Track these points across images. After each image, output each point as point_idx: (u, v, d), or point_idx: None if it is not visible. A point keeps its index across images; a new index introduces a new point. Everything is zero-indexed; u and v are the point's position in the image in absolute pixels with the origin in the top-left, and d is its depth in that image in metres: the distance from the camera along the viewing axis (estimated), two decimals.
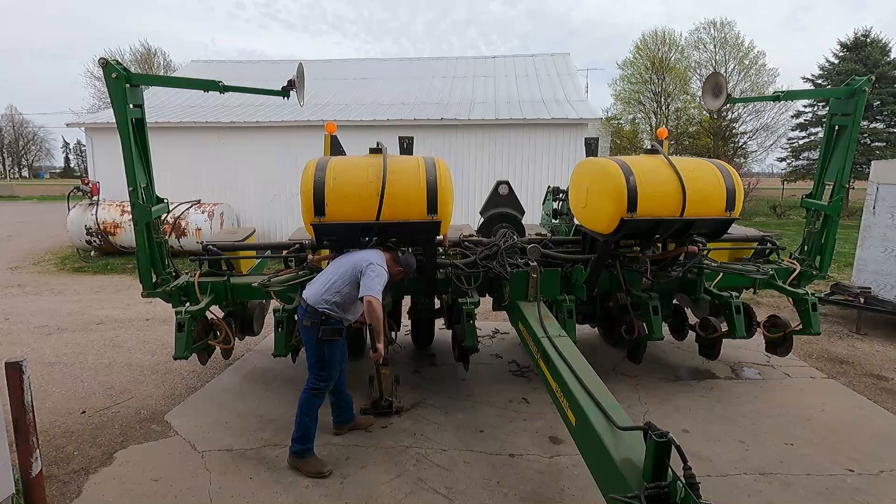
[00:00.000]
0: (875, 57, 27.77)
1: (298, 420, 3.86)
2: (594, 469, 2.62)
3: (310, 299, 3.84)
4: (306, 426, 3.85)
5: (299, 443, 3.85)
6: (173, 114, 15.46)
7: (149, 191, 4.56)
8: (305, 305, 3.86)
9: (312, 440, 3.88)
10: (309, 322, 3.81)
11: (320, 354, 3.84)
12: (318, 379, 3.88)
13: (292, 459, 3.85)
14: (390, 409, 4.63)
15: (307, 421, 3.85)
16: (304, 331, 3.87)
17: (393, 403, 4.65)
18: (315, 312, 3.79)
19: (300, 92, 4.52)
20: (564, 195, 6.59)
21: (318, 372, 3.87)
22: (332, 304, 3.80)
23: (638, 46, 35.75)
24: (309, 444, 3.86)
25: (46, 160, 76.31)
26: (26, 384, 3.16)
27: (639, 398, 5.04)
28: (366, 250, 4.05)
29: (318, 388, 3.88)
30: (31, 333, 7.05)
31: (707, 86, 5.46)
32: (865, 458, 4.01)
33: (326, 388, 3.96)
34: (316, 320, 3.79)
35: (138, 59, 42.87)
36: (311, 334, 3.82)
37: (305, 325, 3.85)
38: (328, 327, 3.79)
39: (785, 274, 5.46)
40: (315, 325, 3.79)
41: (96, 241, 12.57)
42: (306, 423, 3.85)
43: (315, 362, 3.87)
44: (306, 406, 3.86)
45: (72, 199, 13.08)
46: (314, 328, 3.79)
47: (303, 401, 3.87)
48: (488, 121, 14.12)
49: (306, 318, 3.84)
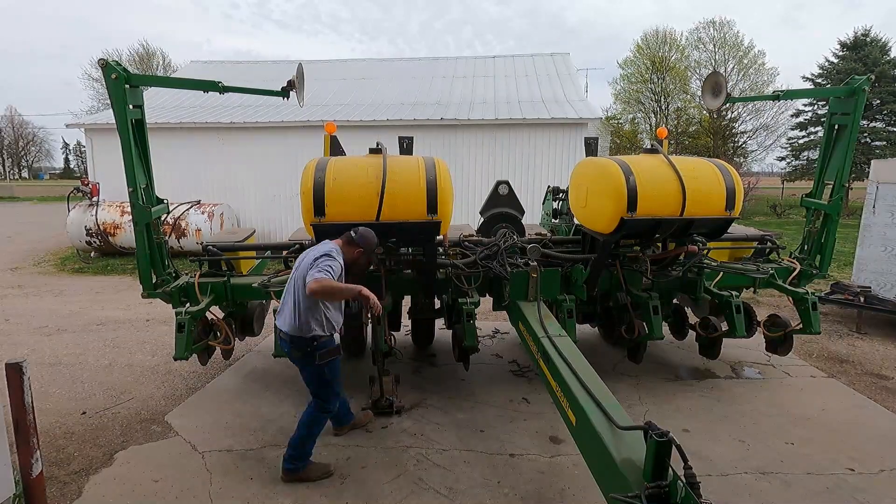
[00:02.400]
0: (875, 56, 27.77)
1: (299, 438, 3.65)
2: (594, 469, 2.62)
3: (289, 329, 3.53)
4: (307, 447, 3.69)
5: (298, 460, 3.66)
6: (173, 114, 15.45)
7: (149, 191, 4.56)
8: (287, 337, 3.55)
9: (309, 456, 3.72)
10: (300, 353, 3.56)
11: (322, 378, 3.65)
12: (326, 400, 3.71)
13: (291, 476, 3.64)
14: (391, 409, 4.63)
15: (308, 441, 3.68)
16: (298, 362, 3.64)
17: (394, 403, 4.65)
18: (302, 340, 3.52)
19: (300, 92, 4.52)
20: (564, 195, 6.60)
21: (323, 394, 3.69)
22: (315, 325, 3.51)
23: (638, 46, 35.79)
24: (306, 461, 3.71)
25: (46, 161, 76.41)
26: (26, 385, 3.15)
27: (639, 398, 5.04)
28: (312, 249, 3.66)
29: (326, 409, 3.73)
30: (31, 334, 7.05)
31: (707, 85, 5.47)
32: (866, 458, 4.01)
33: (335, 406, 3.81)
34: (307, 348, 3.53)
35: (137, 60, 42.87)
36: (307, 363, 3.59)
37: (297, 356, 3.59)
38: (323, 350, 3.55)
39: (785, 273, 5.46)
40: (308, 353, 3.54)
41: (96, 242, 12.57)
42: (307, 443, 3.67)
43: (319, 387, 3.68)
44: (312, 425, 3.67)
45: (72, 200, 13.08)
46: (309, 356, 3.55)
47: (309, 419, 3.68)
48: (488, 121, 14.12)
49: (295, 350, 3.56)
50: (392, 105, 16.34)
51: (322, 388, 3.69)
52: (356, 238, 3.71)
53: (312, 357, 3.54)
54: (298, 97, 4.55)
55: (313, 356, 3.54)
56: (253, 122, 14.50)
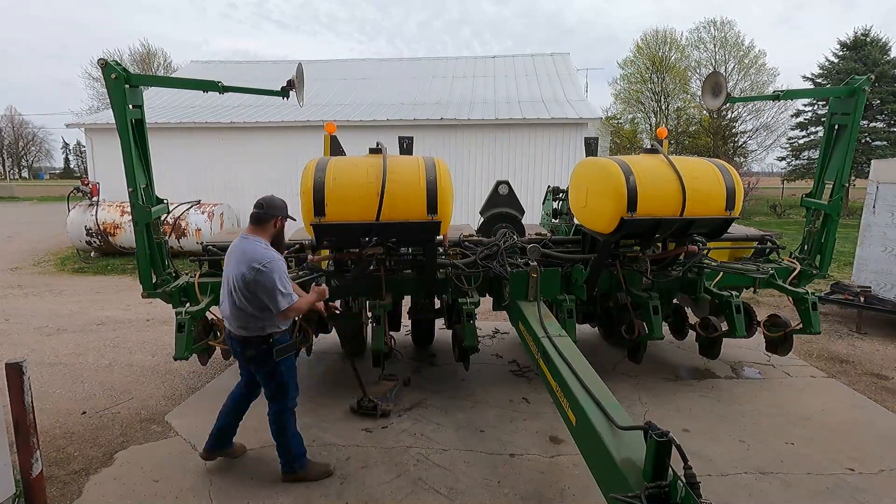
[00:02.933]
0: (875, 56, 27.78)
1: (281, 447, 3.60)
2: (595, 469, 2.62)
3: (236, 329, 3.41)
4: (293, 447, 3.61)
5: (293, 463, 3.61)
6: (173, 114, 15.46)
7: (149, 191, 4.56)
8: (239, 338, 3.41)
9: (304, 454, 3.68)
10: (253, 351, 3.41)
11: (279, 378, 3.49)
12: (286, 398, 3.56)
13: (290, 476, 3.62)
14: (374, 411, 4.56)
15: (290, 443, 3.59)
16: (252, 361, 3.48)
17: (378, 406, 4.57)
18: (257, 339, 3.38)
19: (300, 92, 4.52)
20: (564, 195, 6.59)
21: (282, 395, 3.54)
22: (269, 321, 3.37)
23: (638, 46, 35.80)
24: (302, 459, 3.65)
25: (46, 161, 76.48)
26: (26, 385, 3.16)
27: (639, 398, 5.04)
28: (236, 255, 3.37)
29: (286, 408, 3.58)
30: (31, 334, 7.05)
31: (707, 85, 5.47)
32: (866, 458, 4.01)
33: (295, 405, 3.64)
34: (261, 346, 3.39)
35: (138, 60, 42.89)
36: (262, 363, 3.44)
37: (250, 355, 3.43)
38: (279, 347, 3.43)
39: (785, 273, 5.46)
40: (263, 351, 3.40)
41: (96, 242, 12.57)
42: (290, 445, 3.59)
43: (276, 388, 3.52)
44: (283, 430, 3.57)
45: (72, 200, 13.08)
46: (263, 355, 3.41)
47: (277, 427, 3.57)
48: (488, 121, 14.13)
49: (248, 349, 3.41)
50: (392, 105, 16.34)
51: (279, 387, 3.52)
52: (266, 211, 3.44)
53: (269, 354, 3.40)
54: (298, 97, 4.55)
55: (270, 353, 3.40)
56: (253, 122, 14.51)
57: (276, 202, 3.52)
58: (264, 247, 3.36)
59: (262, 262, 3.24)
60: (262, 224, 3.45)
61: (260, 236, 3.42)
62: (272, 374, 3.49)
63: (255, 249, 3.32)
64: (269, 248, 3.37)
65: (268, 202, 3.49)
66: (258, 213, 3.45)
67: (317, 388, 5.20)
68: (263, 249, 3.33)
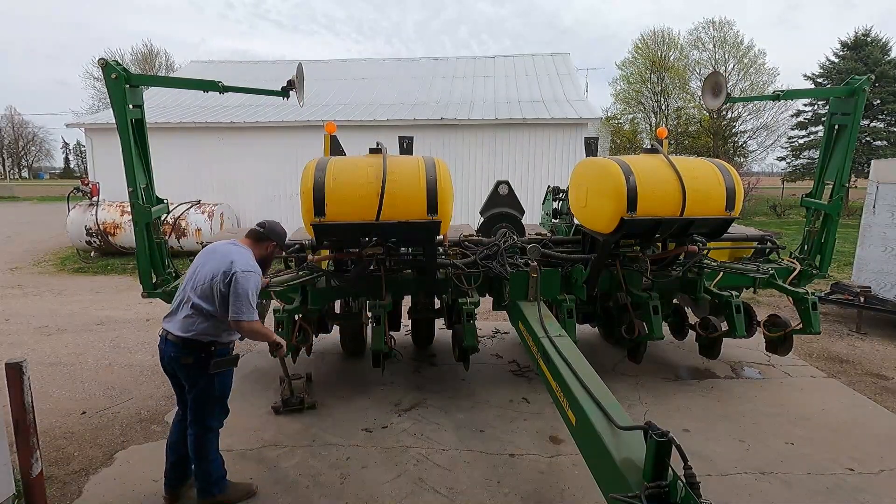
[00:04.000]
0: (875, 56, 27.78)
1: (200, 470, 3.32)
2: (594, 469, 2.62)
3: (180, 331, 3.18)
4: (214, 471, 3.36)
5: (212, 487, 3.35)
6: (173, 114, 15.46)
7: (149, 191, 4.57)
8: (176, 339, 3.17)
9: (224, 475, 3.43)
10: (191, 359, 3.18)
11: (211, 392, 3.26)
12: (213, 418, 3.33)
13: (209, 500, 3.35)
14: (301, 406, 4.67)
15: (211, 466, 3.34)
16: (187, 369, 3.21)
17: (304, 400, 4.70)
18: (193, 345, 3.17)
19: (300, 92, 4.52)
20: (564, 195, 6.59)
21: (210, 412, 3.31)
22: (218, 331, 3.23)
23: (637, 46, 35.79)
24: (222, 482, 3.41)
25: (46, 161, 76.43)
26: (26, 385, 3.16)
27: (639, 398, 5.04)
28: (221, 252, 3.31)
29: (211, 428, 3.34)
30: (31, 334, 7.05)
31: (707, 85, 5.47)
32: (866, 458, 4.02)
33: (220, 426, 3.42)
34: (200, 353, 3.19)
35: (140, 59, 42.91)
36: (197, 372, 3.21)
37: (187, 362, 3.19)
38: (220, 359, 3.24)
39: (785, 273, 5.46)
40: (201, 359, 3.19)
41: (96, 242, 12.57)
42: (211, 469, 3.34)
43: (207, 403, 3.27)
44: (205, 453, 3.31)
45: (72, 200, 13.08)
46: (200, 363, 3.19)
47: (198, 449, 3.29)
48: (488, 121, 14.12)
49: (186, 355, 3.17)
50: (392, 105, 16.34)
51: (211, 401, 3.29)
52: (266, 232, 3.51)
53: (206, 365, 3.20)
54: (298, 97, 4.55)
55: (207, 364, 3.20)
56: (253, 121, 14.50)
57: (277, 229, 3.58)
58: (250, 258, 3.34)
59: (246, 268, 3.21)
60: (258, 242, 3.50)
61: (252, 250, 3.43)
62: (205, 388, 3.26)
63: (243, 255, 3.31)
64: (253, 261, 3.34)
65: (270, 226, 3.56)
66: (257, 231, 3.52)
67: (317, 388, 5.20)
68: (248, 259, 3.31)
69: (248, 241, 3.48)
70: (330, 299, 5.25)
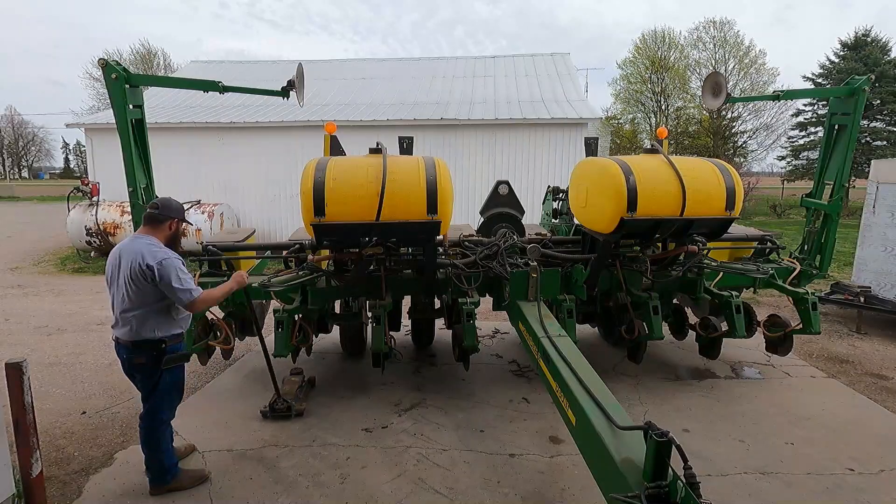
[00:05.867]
0: (875, 56, 27.78)
1: (151, 458, 3.43)
2: (594, 469, 2.62)
3: (127, 336, 3.27)
4: (165, 460, 3.46)
5: (164, 475, 3.47)
6: (173, 114, 15.46)
7: (149, 191, 4.57)
8: (127, 343, 3.28)
9: (176, 463, 3.57)
10: (143, 359, 3.29)
11: (164, 387, 3.37)
12: (165, 410, 3.43)
13: (161, 489, 3.47)
14: (289, 413, 4.52)
15: (163, 457, 3.45)
16: (141, 369, 3.33)
17: (292, 406, 4.54)
18: (148, 343, 3.26)
19: (300, 92, 4.53)
20: (564, 195, 6.59)
21: (163, 405, 3.41)
22: (164, 326, 3.30)
23: (637, 46, 35.81)
24: (174, 469, 3.52)
25: (46, 161, 76.47)
26: (26, 385, 3.16)
27: (639, 398, 5.04)
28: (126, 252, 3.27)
29: (163, 421, 3.45)
30: (30, 334, 7.05)
31: (707, 85, 5.47)
32: (866, 458, 4.01)
33: (172, 417, 3.52)
34: (152, 353, 3.28)
35: (139, 59, 42.90)
36: (150, 371, 3.32)
37: (139, 363, 3.30)
38: (170, 356, 3.33)
39: (785, 273, 5.46)
40: (153, 358, 3.29)
41: (96, 242, 12.57)
42: (163, 459, 3.45)
43: (160, 398, 3.38)
44: (157, 444, 3.41)
45: (72, 200, 13.08)
46: (152, 361, 3.29)
47: (151, 438, 3.40)
48: (488, 121, 14.12)
49: (137, 356, 3.29)
50: (392, 105, 16.34)
51: (167, 395, 3.40)
52: (161, 212, 3.39)
53: (157, 363, 3.29)
54: (298, 97, 4.55)
55: (159, 361, 3.29)
56: (253, 122, 14.50)
57: (172, 204, 3.47)
58: (156, 247, 3.28)
59: (156, 258, 3.18)
60: (156, 225, 3.39)
61: (153, 237, 3.35)
62: (157, 384, 3.35)
63: (146, 249, 3.23)
64: (160, 248, 3.29)
65: (163, 203, 3.44)
66: (152, 214, 3.39)
67: (317, 388, 5.20)
68: (155, 249, 3.25)
69: (147, 229, 3.39)
70: (330, 299, 5.25)
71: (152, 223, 3.39)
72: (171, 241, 3.45)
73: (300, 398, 4.77)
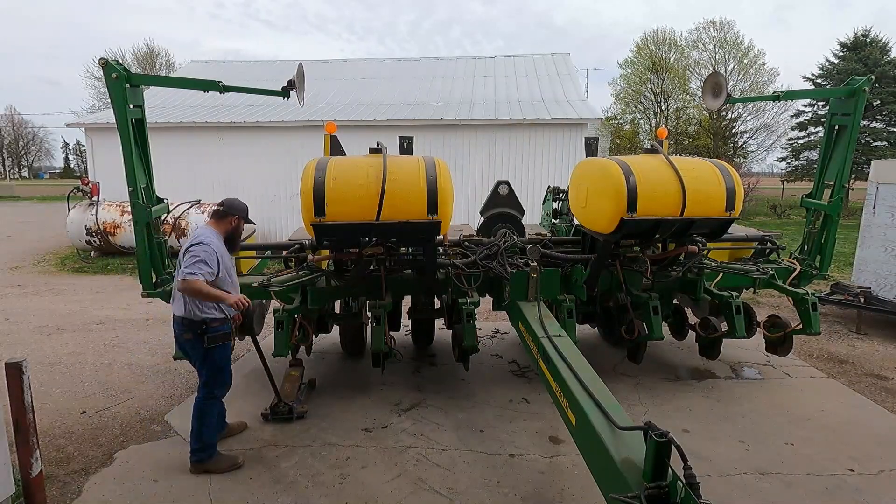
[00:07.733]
0: (875, 56, 27.78)
1: (197, 431, 3.72)
2: (594, 469, 2.62)
3: (178, 311, 3.65)
4: (208, 436, 3.76)
5: (202, 451, 3.73)
6: (173, 114, 15.46)
7: (149, 191, 4.57)
8: (177, 318, 3.67)
9: (215, 445, 3.83)
10: (190, 335, 3.64)
11: (212, 363, 3.72)
12: (216, 386, 3.79)
13: (198, 467, 3.74)
14: (290, 415, 4.50)
15: (207, 431, 3.75)
16: (188, 344, 3.70)
17: (293, 409, 4.53)
18: (193, 323, 3.60)
19: (300, 92, 4.53)
20: (564, 195, 6.59)
21: (214, 381, 3.77)
22: (205, 308, 3.60)
23: (638, 46, 35.80)
24: (212, 450, 3.78)
25: (46, 160, 76.47)
26: (26, 384, 3.16)
27: (639, 398, 5.04)
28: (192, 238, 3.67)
29: (214, 395, 3.80)
30: (30, 333, 7.05)
31: (707, 85, 5.47)
32: (866, 458, 4.02)
33: (224, 394, 3.89)
34: (195, 331, 3.61)
35: (141, 59, 42.92)
36: (196, 346, 3.66)
37: (187, 338, 3.67)
38: (213, 334, 3.63)
39: (785, 274, 5.46)
40: (198, 335, 3.61)
41: (96, 242, 12.57)
42: (204, 432, 3.74)
43: (209, 373, 3.74)
44: (204, 415, 3.74)
45: (72, 200, 13.07)
46: (198, 339, 3.62)
47: (200, 410, 3.74)
48: (488, 121, 14.12)
49: (186, 332, 3.65)
50: (392, 105, 16.34)
51: (212, 372, 3.74)
52: (226, 209, 3.83)
53: (202, 341, 3.61)
54: (299, 97, 4.55)
55: (202, 340, 3.61)
56: (253, 121, 14.50)
57: (236, 203, 3.89)
58: (208, 234, 3.67)
59: (195, 241, 3.57)
60: (221, 220, 3.82)
61: (215, 229, 3.77)
62: (204, 360, 3.70)
63: (196, 232, 3.69)
64: (211, 237, 3.66)
65: (229, 202, 3.88)
66: (218, 209, 3.84)
67: (316, 388, 5.20)
68: (200, 233, 3.65)
69: (212, 222, 3.83)
70: (330, 299, 5.25)
71: (216, 217, 3.83)
72: (232, 236, 3.85)
73: (301, 400, 4.76)
